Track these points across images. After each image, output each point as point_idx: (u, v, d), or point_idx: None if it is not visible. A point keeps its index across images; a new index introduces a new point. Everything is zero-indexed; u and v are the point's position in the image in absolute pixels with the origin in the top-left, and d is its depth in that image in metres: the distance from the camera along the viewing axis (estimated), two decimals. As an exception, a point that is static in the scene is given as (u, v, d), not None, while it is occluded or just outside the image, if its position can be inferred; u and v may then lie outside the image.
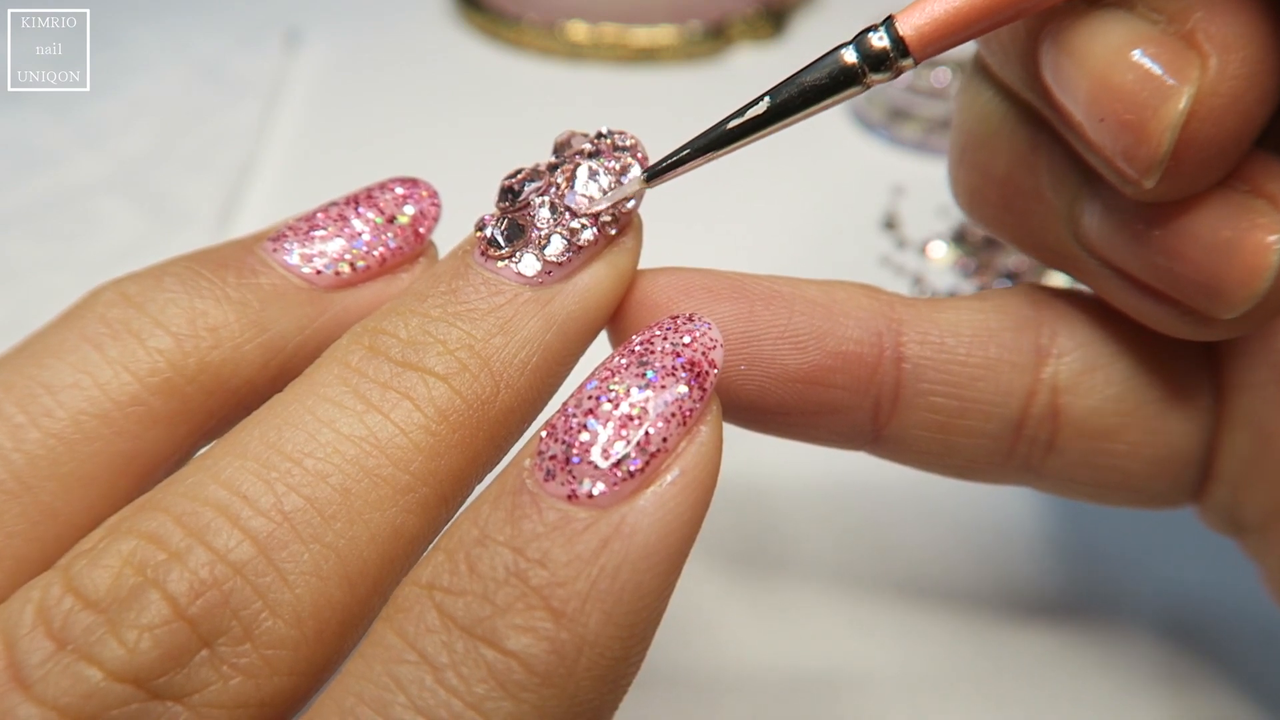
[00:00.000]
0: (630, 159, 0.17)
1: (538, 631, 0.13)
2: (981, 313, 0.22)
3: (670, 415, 0.14)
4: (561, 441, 0.14)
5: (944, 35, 0.17)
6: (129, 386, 0.15)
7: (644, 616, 0.14)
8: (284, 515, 0.14)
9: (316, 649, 0.14)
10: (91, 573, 0.13)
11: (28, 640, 0.13)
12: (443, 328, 0.16)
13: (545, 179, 0.17)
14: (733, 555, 0.31)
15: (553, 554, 0.13)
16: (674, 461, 0.14)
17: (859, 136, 0.50)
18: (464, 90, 0.53)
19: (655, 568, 0.14)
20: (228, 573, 0.14)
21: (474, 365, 0.15)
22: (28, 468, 0.15)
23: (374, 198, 0.18)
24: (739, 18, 0.56)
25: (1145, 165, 0.16)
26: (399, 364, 0.15)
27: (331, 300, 0.17)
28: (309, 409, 0.15)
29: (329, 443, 0.14)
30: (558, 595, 0.13)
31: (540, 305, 0.16)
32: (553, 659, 0.13)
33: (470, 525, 0.14)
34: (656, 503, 0.14)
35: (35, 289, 0.40)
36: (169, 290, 0.16)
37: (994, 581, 0.31)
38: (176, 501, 0.14)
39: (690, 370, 0.15)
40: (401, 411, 0.15)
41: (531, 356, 0.16)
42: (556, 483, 0.14)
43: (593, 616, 0.13)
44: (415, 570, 0.14)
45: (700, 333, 0.15)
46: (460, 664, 0.13)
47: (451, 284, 0.16)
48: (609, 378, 0.15)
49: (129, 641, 0.13)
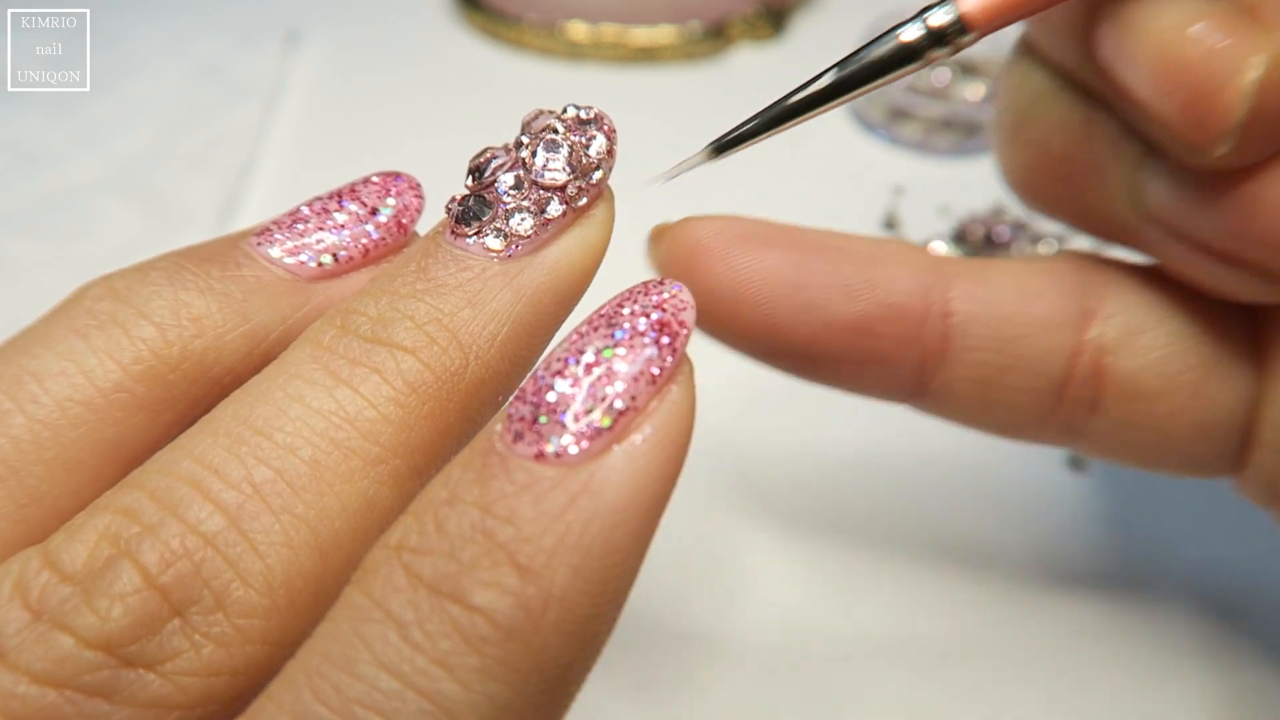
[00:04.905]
0: (595, 130, 0.17)
1: (503, 586, 0.13)
2: (1030, 274, 0.23)
3: (638, 374, 0.14)
4: (529, 403, 0.14)
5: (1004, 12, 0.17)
6: (113, 374, 0.16)
7: (614, 574, 0.14)
8: (254, 487, 0.14)
9: (289, 618, 0.14)
10: (69, 547, 0.14)
11: (4, 610, 0.13)
12: (411, 304, 0.16)
13: (511, 155, 0.17)
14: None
15: (520, 511, 0.13)
16: (644, 420, 0.14)
17: (859, 136, 0.50)
18: (464, 90, 0.53)
19: (625, 524, 0.14)
20: (199, 543, 0.14)
21: (442, 338, 0.16)
22: (14, 453, 0.15)
23: (357, 191, 0.19)
24: (739, 18, 0.56)
25: (1216, 135, 0.17)
26: (368, 340, 0.15)
27: (314, 291, 0.18)
28: (280, 386, 0.15)
29: (298, 417, 0.15)
30: (524, 551, 0.13)
31: (509, 279, 0.16)
32: (519, 614, 0.13)
33: (440, 488, 0.14)
34: (626, 460, 0.14)
35: (35, 288, 0.40)
36: (154, 284, 0.17)
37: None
38: (151, 478, 0.14)
39: (659, 330, 0.15)
40: (370, 385, 0.15)
41: (501, 328, 0.16)
42: (525, 443, 0.14)
43: (560, 572, 0.13)
44: (385, 534, 0.14)
45: (671, 294, 0.15)
46: (425, 620, 0.13)
47: (421, 262, 0.16)
48: (577, 340, 0.15)
49: (101, 609, 0.13)
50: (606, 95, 0.53)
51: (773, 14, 0.57)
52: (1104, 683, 0.29)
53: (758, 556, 0.32)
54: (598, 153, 0.17)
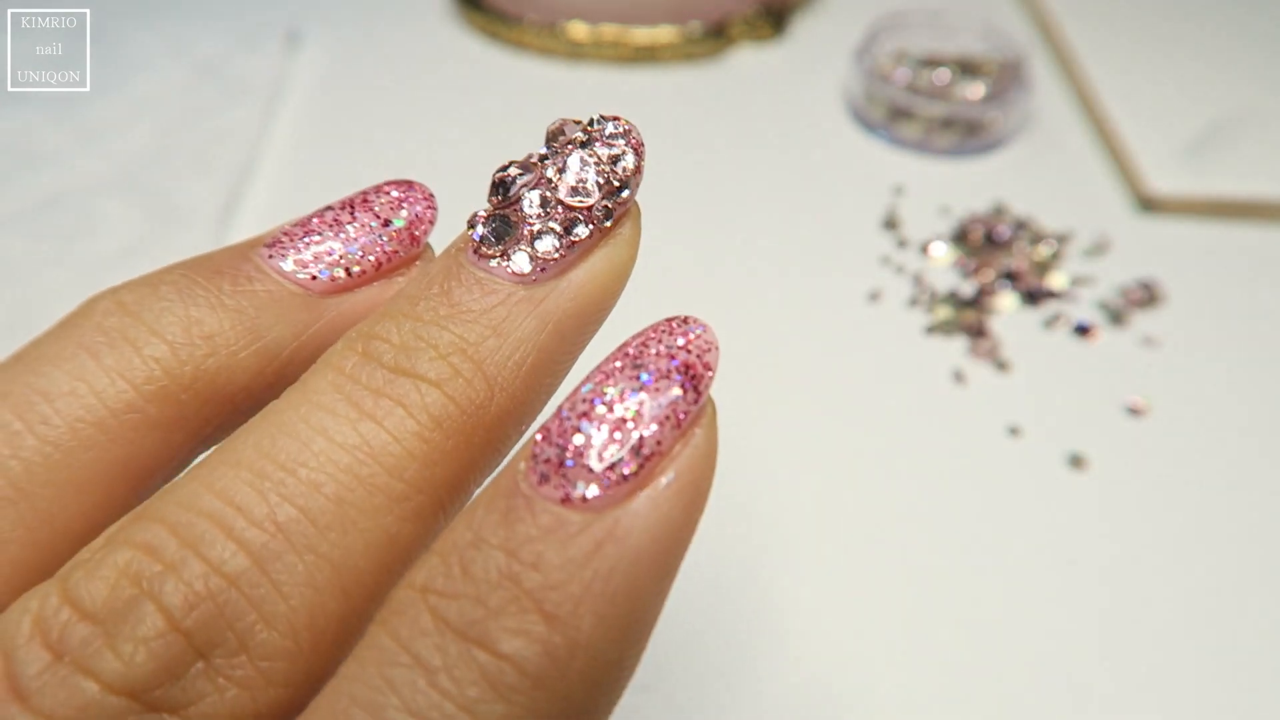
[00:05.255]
0: (625, 146, 0.16)
1: (530, 634, 0.13)
2: None
3: (665, 418, 0.14)
4: (555, 445, 0.14)
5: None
6: (125, 394, 0.15)
7: (638, 619, 0.14)
8: (278, 526, 0.14)
9: (312, 660, 0.14)
10: (88, 584, 0.13)
11: (25, 651, 0.13)
12: (435, 331, 0.15)
13: (536, 171, 0.16)
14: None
15: (546, 557, 0.13)
16: (668, 464, 0.14)
17: (859, 136, 0.50)
18: (464, 90, 0.53)
19: (649, 570, 0.14)
20: (222, 585, 0.13)
21: (467, 370, 0.15)
22: (24, 475, 0.15)
23: (369, 201, 0.18)
24: (739, 18, 0.56)
25: None
26: (391, 370, 0.15)
27: (326, 305, 0.17)
28: (303, 416, 0.15)
29: (322, 451, 0.14)
30: (551, 598, 0.13)
31: (534, 304, 0.16)
32: (545, 661, 0.13)
33: (464, 529, 0.14)
34: (650, 506, 0.14)
35: (35, 288, 0.40)
36: (165, 299, 0.16)
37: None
38: (172, 511, 0.14)
39: (685, 373, 0.15)
40: (395, 419, 0.15)
41: (526, 357, 0.16)
42: (550, 486, 0.14)
43: (586, 619, 0.13)
44: (410, 573, 0.14)
45: (696, 335, 0.15)
46: (453, 666, 0.13)
47: (444, 285, 0.16)
48: (603, 381, 0.15)
49: (125, 654, 0.13)
50: (606, 95, 0.53)
51: (773, 14, 0.57)
52: (1104, 682, 0.29)
53: (757, 557, 0.31)
54: (626, 170, 0.16)
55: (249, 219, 0.44)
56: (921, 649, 0.29)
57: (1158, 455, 0.35)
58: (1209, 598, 0.31)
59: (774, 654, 0.29)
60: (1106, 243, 0.44)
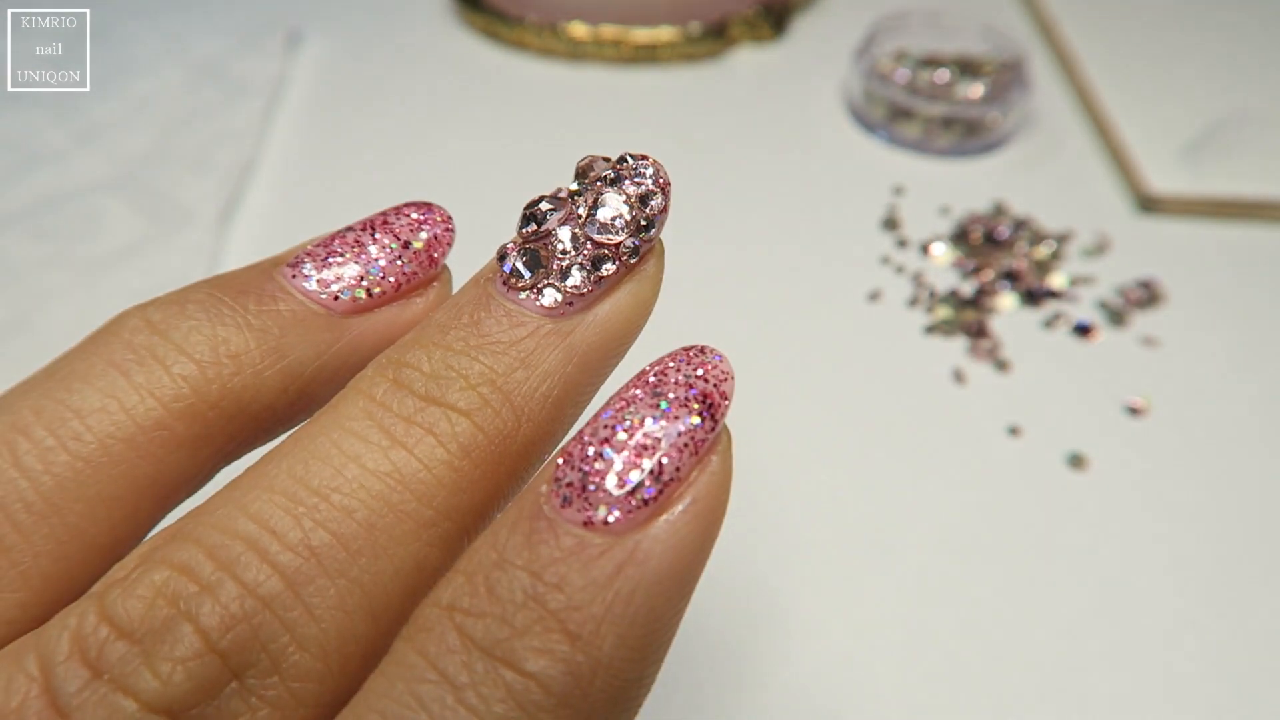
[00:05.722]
0: (653, 185, 0.17)
1: (554, 654, 0.14)
2: None
3: (683, 445, 0.15)
4: (578, 469, 0.15)
5: None
6: (154, 412, 0.16)
7: (656, 638, 0.14)
8: (311, 550, 0.14)
9: (341, 681, 0.14)
10: (125, 602, 0.14)
11: (64, 668, 0.13)
12: (465, 361, 0.16)
13: (566, 207, 0.17)
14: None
15: (569, 578, 0.14)
16: (686, 490, 0.15)
17: (859, 136, 0.50)
18: (464, 90, 0.53)
19: (667, 592, 0.14)
20: (257, 606, 0.14)
21: (496, 400, 0.16)
22: (56, 490, 0.15)
23: (389, 223, 0.19)
24: (739, 18, 0.56)
25: None
26: (422, 398, 0.16)
27: (348, 325, 0.18)
28: (335, 442, 0.15)
29: (355, 478, 0.15)
30: (574, 619, 0.14)
31: (561, 337, 0.16)
32: (569, 680, 0.14)
33: (489, 549, 0.14)
34: (669, 530, 0.14)
35: (35, 288, 0.40)
36: (192, 318, 0.17)
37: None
38: (207, 533, 0.14)
39: (702, 402, 0.15)
40: (425, 447, 0.15)
41: (553, 390, 0.16)
42: (573, 509, 0.14)
43: (607, 640, 0.14)
44: (436, 591, 0.15)
45: (714, 364, 0.16)
46: (480, 684, 0.13)
47: (474, 315, 0.16)
48: (624, 408, 0.15)
49: (163, 674, 0.13)
50: (606, 95, 0.53)
51: (773, 14, 0.57)
52: (1104, 682, 0.29)
53: (755, 555, 0.32)
54: (654, 209, 0.17)
55: (249, 219, 0.44)
56: (920, 648, 0.29)
57: (1158, 455, 0.35)
58: (1209, 597, 0.31)
59: (771, 651, 0.29)
60: (1106, 242, 0.44)
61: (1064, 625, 0.30)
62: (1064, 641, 0.30)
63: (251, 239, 0.43)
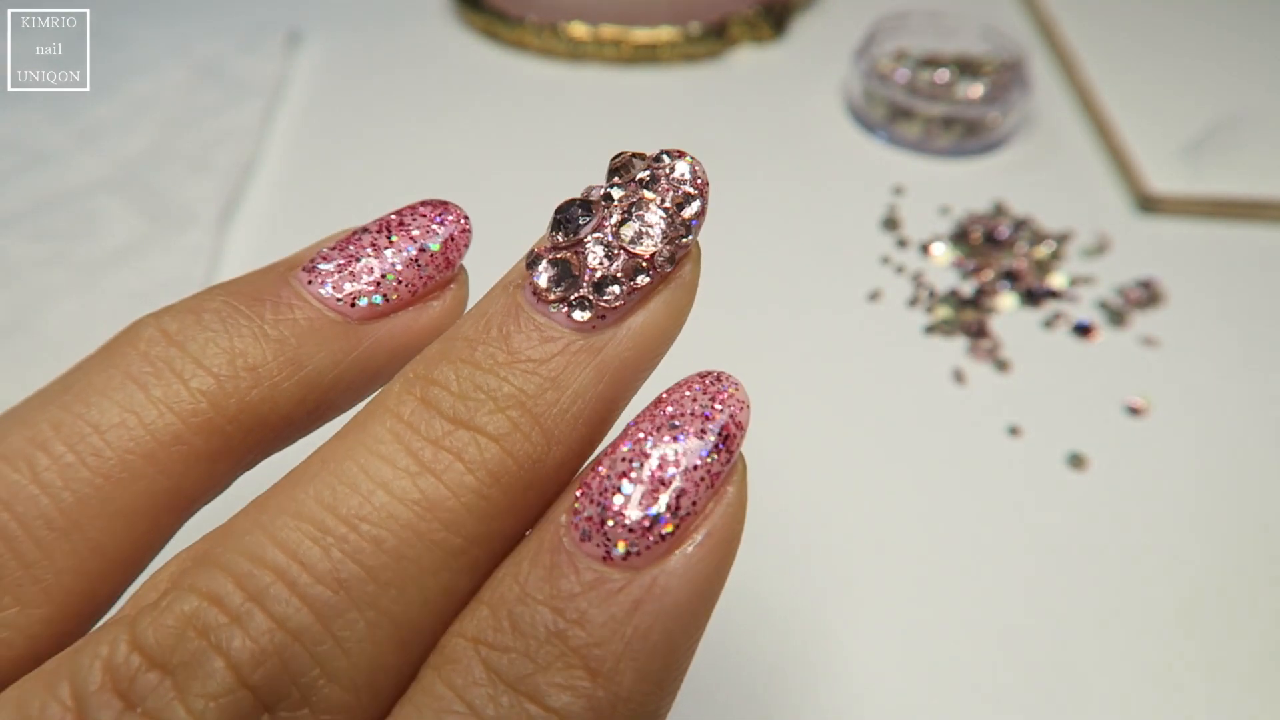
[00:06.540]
0: (690, 188, 0.16)
1: (576, 689, 0.14)
2: None
3: (700, 478, 0.15)
4: (596, 503, 0.15)
5: None
6: (173, 426, 0.16)
7: (673, 668, 0.15)
8: (340, 583, 0.14)
9: (370, 710, 0.14)
10: (155, 631, 0.14)
11: (97, 698, 0.13)
12: (493, 381, 0.15)
13: (599, 213, 0.16)
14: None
15: (590, 615, 0.14)
16: (702, 523, 0.15)
17: (859, 136, 0.50)
18: (464, 90, 0.53)
19: (684, 624, 0.15)
20: (287, 640, 0.14)
21: (525, 424, 0.15)
22: (77, 506, 0.15)
23: (405, 225, 0.18)
24: (739, 18, 0.56)
25: None
26: (450, 420, 0.15)
27: (365, 332, 0.17)
28: (362, 467, 0.15)
29: (383, 506, 0.15)
30: (594, 655, 0.14)
31: (592, 354, 0.16)
32: (590, 715, 0.14)
33: (511, 581, 0.15)
34: (685, 564, 0.15)
35: (35, 288, 0.40)
36: (209, 328, 0.17)
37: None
38: (235, 560, 0.14)
39: (718, 433, 0.15)
40: (454, 474, 0.15)
41: (584, 410, 0.16)
42: (592, 544, 0.14)
43: (627, 674, 0.14)
44: (461, 622, 0.15)
45: (730, 393, 0.16)
46: (506, 717, 0.14)
47: (502, 328, 0.16)
48: (641, 440, 0.15)
49: (196, 710, 0.13)
50: (606, 95, 0.53)
51: (773, 14, 0.57)
52: (1104, 682, 0.29)
53: (755, 554, 0.31)
54: (692, 214, 0.16)
55: (249, 219, 0.44)
56: (920, 648, 0.29)
57: (1157, 455, 0.35)
58: (1209, 597, 0.31)
59: (771, 650, 0.29)
60: (1106, 242, 0.44)
61: (1064, 625, 0.30)
62: (1064, 641, 0.30)
63: (251, 239, 0.43)
